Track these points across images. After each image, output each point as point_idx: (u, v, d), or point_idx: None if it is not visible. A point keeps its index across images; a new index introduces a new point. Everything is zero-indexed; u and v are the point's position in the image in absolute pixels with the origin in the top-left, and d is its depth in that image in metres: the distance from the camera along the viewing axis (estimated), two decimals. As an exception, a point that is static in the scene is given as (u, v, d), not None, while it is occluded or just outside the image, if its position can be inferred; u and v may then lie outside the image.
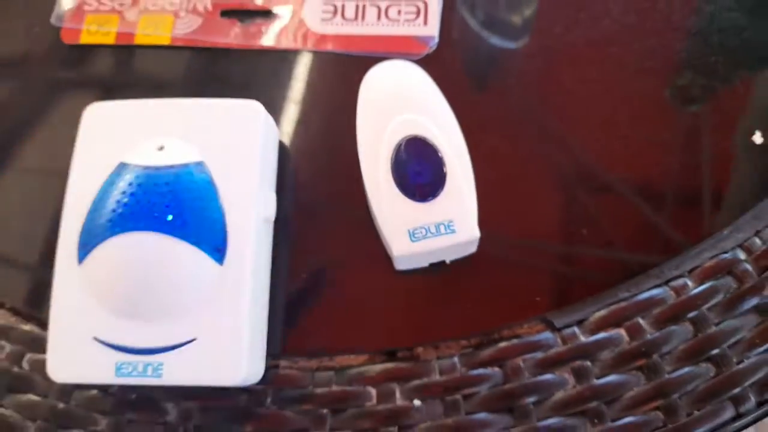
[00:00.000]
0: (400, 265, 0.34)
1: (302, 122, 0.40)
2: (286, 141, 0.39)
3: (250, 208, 0.32)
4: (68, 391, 0.34)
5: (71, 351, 0.31)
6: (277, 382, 0.34)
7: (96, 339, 0.31)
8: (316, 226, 0.37)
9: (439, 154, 0.33)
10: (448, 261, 0.34)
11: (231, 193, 0.32)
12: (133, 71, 0.43)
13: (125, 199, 0.31)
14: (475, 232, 0.32)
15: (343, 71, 0.40)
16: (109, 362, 0.31)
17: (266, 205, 0.34)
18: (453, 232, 0.32)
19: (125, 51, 0.42)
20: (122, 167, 0.32)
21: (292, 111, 0.40)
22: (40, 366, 0.33)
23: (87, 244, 0.31)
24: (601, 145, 0.38)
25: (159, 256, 0.30)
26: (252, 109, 0.34)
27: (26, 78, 0.43)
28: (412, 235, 0.32)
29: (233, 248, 0.32)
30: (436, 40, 0.40)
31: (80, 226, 0.32)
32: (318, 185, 0.38)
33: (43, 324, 0.35)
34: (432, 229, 0.32)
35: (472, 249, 0.34)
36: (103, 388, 0.34)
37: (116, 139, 0.34)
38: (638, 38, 0.40)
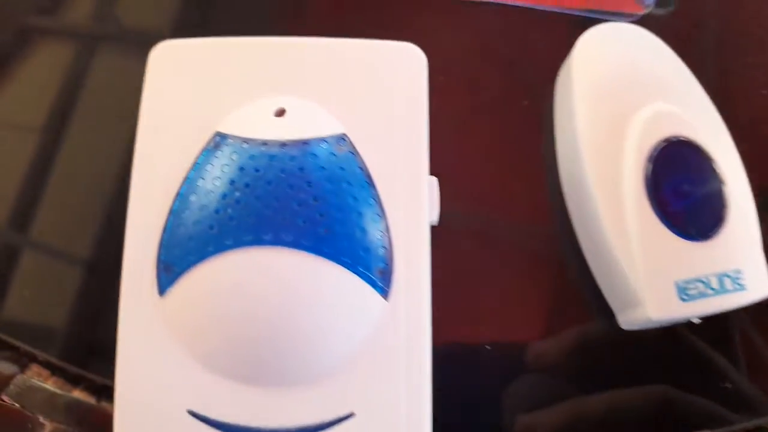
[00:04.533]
0: (636, 324, 0.23)
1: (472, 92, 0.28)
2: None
3: (421, 208, 0.21)
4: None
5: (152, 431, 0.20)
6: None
7: (192, 413, 0.20)
8: (482, 249, 0.26)
9: (714, 168, 0.22)
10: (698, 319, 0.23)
11: (397, 184, 0.21)
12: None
13: (235, 194, 0.19)
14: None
15: (528, 32, 0.28)
16: (215, 450, 0.20)
17: (432, 202, 0.22)
18: (741, 288, 0.21)
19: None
20: (222, 141, 0.21)
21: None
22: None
23: (173, 264, 0.20)
24: None
25: (295, 286, 0.19)
26: (412, 55, 0.22)
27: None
28: (683, 292, 0.21)
29: (401, 272, 0.20)
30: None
31: (159, 236, 0.20)
32: (486, 191, 0.27)
33: (101, 390, 0.24)
34: (713, 283, 0.21)
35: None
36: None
37: (205, 97, 0.22)
38: None
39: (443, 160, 0.22)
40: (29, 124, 0.29)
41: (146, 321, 0.20)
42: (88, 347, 0.26)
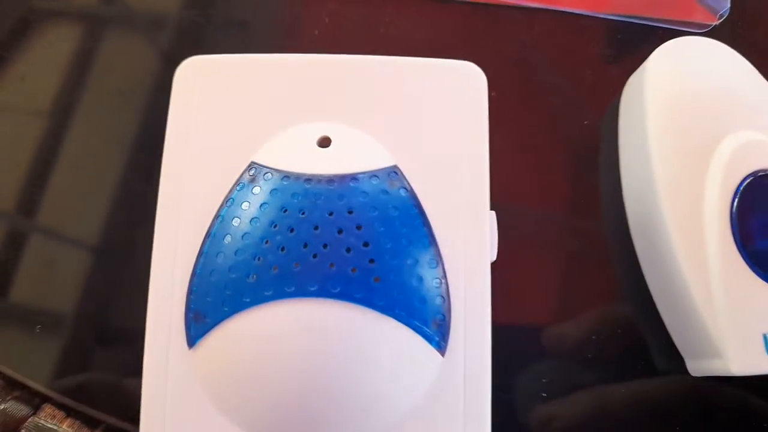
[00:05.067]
0: (710, 373, 0.21)
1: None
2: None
3: (482, 248, 0.19)
4: None
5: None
6: None
7: (226, 480, 0.18)
8: (534, 283, 0.24)
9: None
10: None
11: (455, 222, 0.19)
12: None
13: (277, 238, 0.17)
14: None
15: (585, 43, 0.26)
16: None
17: (491, 239, 0.20)
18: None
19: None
20: (258, 174, 0.18)
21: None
22: None
23: (204, 315, 0.18)
24: None
25: (343, 342, 0.17)
26: (471, 75, 0.20)
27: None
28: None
29: (459, 322, 0.18)
30: (728, 6, 0.26)
31: (187, 279, 0.18)
32: (539, 220, 0.24)
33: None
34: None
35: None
36: None
37: (238, 121, 0.19)
38: None
39: (493, 189, 0.20)
40: (36, 108, 0.27)
41: (174, 374, 0.18)
42: (104, 387, 0.24)
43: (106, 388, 0.23)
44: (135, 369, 0.23)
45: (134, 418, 0.23)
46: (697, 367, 0.22)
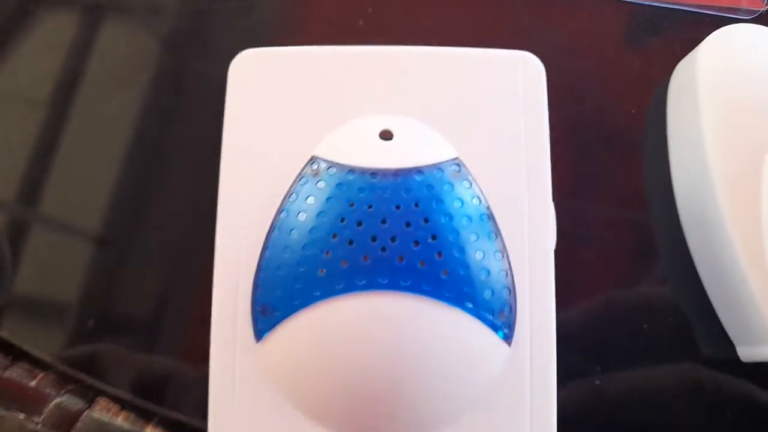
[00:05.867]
0: (761, 359, 0.21)
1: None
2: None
3: (545, 240, 0.19)
4: None
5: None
6: None
7: (295, 472, 0.18)
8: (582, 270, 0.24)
9: None
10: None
11: (511, 215, 0.19)
12: None
13: (345, 233, 0.17)
14: None
15: (630, 31, 0.26)
16: None
17: (553, 230, 0.20)
18: None
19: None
20: (321, 168, 0.18)
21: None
22: None
23: (273, 308, 0.18)
24: None
25: (413, 334, 0.17)
26: (530, 65, 0.20)
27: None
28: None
29: (525, 312, 0.18)
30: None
31: (252, 273, 0.18)
32: (577, 210, 0.24)
33: (175, 426, 0.22)
34: None
35: None
36: None
37: (296, 114, 0.19)
38: None
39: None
40: (36, 97, 0.27)
41: (241, 367, 0.18)
42: (158, 379, 0.24)
43: (160, 380, 0.24)
44: (191, 359, 0.24)
45: (187, 410, 0.23)
46: (749, 353, 0.22)
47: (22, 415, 0.23)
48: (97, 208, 0.25)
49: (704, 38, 0.23)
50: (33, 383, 0.24)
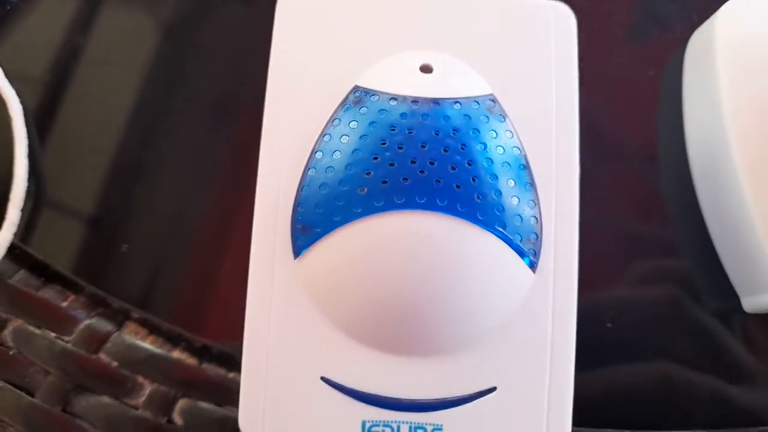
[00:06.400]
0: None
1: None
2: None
3: (573, 177, 0.20)
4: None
5: (282, 399, 0.19)
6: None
7: (326, 380, 0.19)
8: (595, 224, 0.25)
9: None
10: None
11: (540, 152, 0.20)
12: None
13: (386, 155, 0.18)
14: None
15: None
16: (350, 420, 0.19)
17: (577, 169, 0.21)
18: None
19: None
20: (364, 97, 0.19)
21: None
22: (215, 420, 0.21)
23: (313, 226, 0.19)
24: None
25: (447, 253, 0.18)
26: (562, 15, 0.21)
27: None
28: None
29: (550, 244, 0.19)
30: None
31: (294, 194, 0.19)
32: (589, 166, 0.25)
33: (202, 351, 0.23)
34: None
35: None
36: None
37: (339, 50, 0.20)
38: None
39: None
40: (34, 76, 0.27)
41: (279, 282, 0.19)
42: (186, 306, 0.25)
43: (189, 306, 0.24)
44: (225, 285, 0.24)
45: (214, 335, 0.24)
46: (753, 303, 0.23)
47: (53, 334, 0.24)
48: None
49: (719, 7, 0.24)
50: (64, 304, 0.24)
